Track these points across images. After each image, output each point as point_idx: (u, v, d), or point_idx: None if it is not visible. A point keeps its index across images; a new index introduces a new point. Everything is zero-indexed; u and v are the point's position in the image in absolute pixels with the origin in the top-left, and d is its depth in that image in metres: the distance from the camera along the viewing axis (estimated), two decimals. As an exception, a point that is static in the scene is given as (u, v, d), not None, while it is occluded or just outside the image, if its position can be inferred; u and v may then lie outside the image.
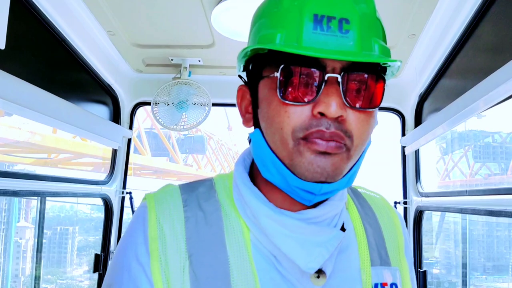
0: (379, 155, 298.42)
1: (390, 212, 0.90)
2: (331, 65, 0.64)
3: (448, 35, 1.79)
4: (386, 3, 1.67)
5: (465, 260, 9.68)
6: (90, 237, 12.30)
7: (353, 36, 0.64)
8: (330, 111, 0.63)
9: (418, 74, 2.23)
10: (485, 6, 1.51)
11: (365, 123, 0.67)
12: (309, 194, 0.68)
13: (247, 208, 0.75)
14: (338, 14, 0.64)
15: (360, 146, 0.68)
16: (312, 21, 0.64)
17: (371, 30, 0.67)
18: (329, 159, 0.65)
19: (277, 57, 0.66)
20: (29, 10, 1.60)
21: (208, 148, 21.98)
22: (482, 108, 1.45)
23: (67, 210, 12.70)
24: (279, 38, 0.66)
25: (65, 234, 11.87)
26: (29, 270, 10.27)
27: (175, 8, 1.78)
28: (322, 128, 0.64)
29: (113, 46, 2.17)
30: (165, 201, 0.77)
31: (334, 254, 0.74)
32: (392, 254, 0.82)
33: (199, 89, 2.39)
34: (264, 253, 0.73)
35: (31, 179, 1.73)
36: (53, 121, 1.72)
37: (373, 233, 0.82)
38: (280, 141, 0.67)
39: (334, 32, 0.63)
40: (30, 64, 1.72)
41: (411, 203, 2.45)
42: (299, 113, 0.65)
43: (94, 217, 12.69)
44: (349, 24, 0.64)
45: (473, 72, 1.72)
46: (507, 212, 1.33)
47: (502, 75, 1.26)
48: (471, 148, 13.25)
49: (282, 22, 0.67)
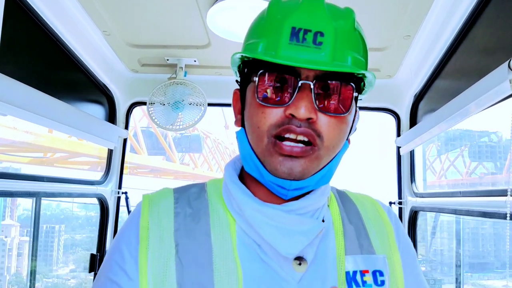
0: (375, 155, 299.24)
1: (375, 206, 0.96)
2: (305, 73, 0.72)
3: (442, 37, 1.80)
4: (381, 4, 1.68)
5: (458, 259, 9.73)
6: (76, 235, 12.24)
7: (326, 47, 0.71)
8: (299, 113, 0.70)
9: (413, 75, 2.24)
10: (479, 8, 1.52)
11: (336, 127, 0.75)
12: (281, 188, 0.76)
13: (234, 202, 0.82)
14: (314, 27, 0.71)
15: (331, 147, 0.76)
16: (289, 33, 0.72)
17: (346, 43, 0.74)
18: (296, 161, 0.73)
19: (258, 64, 0.75)
20: (23, 10, 1.60)
21: (205, 147, 21.98)
22: (475, 110, 1.46)
23: (53, 208, 12.58)
24: (261, 46, 0.75)
25: (51, 232, 11.75)
26: (15, 268, 10.26)
27: (171, 8, 1.78)
28: (292, 126, 0.72)
29: (109, 46, 2.16)
30: (159, 199, 0.86)
31: (315, 242, 0.80)
32: (377, 242, 0.87)
33: (194, 89, 2.39)
34: (249, 243, 0.79)
35: (26, 180, 1.73)
36: (48, 121, 1.72)
37: (353, 226, 0.88)
38: (257, 138, 0.76)
39: (309, 43, 0.71)
40: (25, 65, 1.71)
41: (406, 203, 2.46)
42: (274, 114, 0.73)
43: (80, 216, 12.62)
44: (323, 37, 0.71)
45: (467, 73, 1.73)
46: (500, 214, 1.34)
47: (495, 78, 1.27)
48: (466, 148, 13.33)
49: (265, 33, 0.76)
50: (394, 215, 0.96)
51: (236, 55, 0.78)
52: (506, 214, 1.24)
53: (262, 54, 0.74)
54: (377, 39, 1.98)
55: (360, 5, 1.69)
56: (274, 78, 0.73)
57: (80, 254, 11.52)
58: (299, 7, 0.73)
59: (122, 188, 2.63)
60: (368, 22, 1.82)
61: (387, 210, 0.96)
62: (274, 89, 0.73)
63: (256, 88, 0.74)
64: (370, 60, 2.51)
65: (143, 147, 16.64)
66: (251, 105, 0.77)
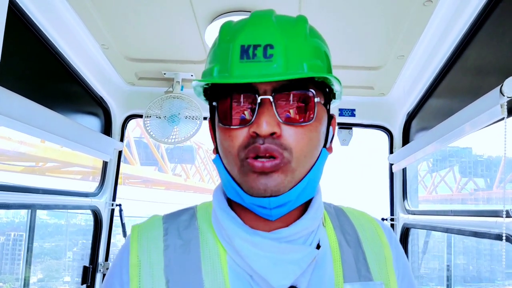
0: (366, 170, 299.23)
1: (374, 226, 0.92)
2: (262, 88, 0.70)
3: (436, 57, 1.84)
4: (376, 25, 1.72)
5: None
6: (46, 244, 11.96)
7: (277, 59, 0.69)
8: (261, 130, 0.68)
9: (406, 93, 2.27)
10: (472, 30, 1.56)
11: (304, 136, 0.72)
12: (263, 208, 0.73)
13: (223, 231, 0.79)
14: (262, 41, 0.70)
15: (303, 158, 0.73)
16: (239, 51, 0.70)
17: (299, 51, 0.72)
18: (269, 176, 0.70)
19: (217, 89, 0.75)
20: (23, 23, 1.61)
21: (197, 157, 21.93)
22: (468, 131, 1.49)
23: (22, 216, 12.28)
24: (216, 70, 0.74)
25: (19, 240, 11.38)
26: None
27: (170, 23, 1.81)
28: (256, 144, 0.70)
29: (106, 59, 2.18)
30: (147, 231, 0.84)
31: (308, 270, 0.77)
32: (375, 268, 0.84)
33: (191, 103, 2.41)
34: (241, 274, 0.76)
35: (22, 192, 1.73)
36: (44, 133, 1.72)
37: (351, 249, 0.84)
38: (229, 163, 0.75)
39: (260, 58, 0.69)
40: (24, 76, 1.72)
41: (398, 220, 2.48)
42: (240, 135, 0.72)
43: (50, 223, 12.33)
44: (273, 49, 0.70)
45: (460, 93, 1.76)
46: (491, 235, 1.36)
47: (487, 101, 1.30)
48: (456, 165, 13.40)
49: (217, 57, 0.75)
50: (394, 238, 0.92)
51: (193, 83, 0.77)
52: (497, 235, 1.26)
53: (216, 78, 0.73)
54: (372, 58, 2.02)
55: (355, 24, 1.73)
56: (233, 99, 0.72)
57: (48, 263, 11.22)
58: (247, 24, 0.73)
59: (116, 200, 2.63)
60: (363, 42, 1.86)
61: (387, 233, 0.92)
62: (235, 110, 0.72)
63: (217, 112, 0.74)
64: (364, 78, 2.56)
65: (136, 157, 16.58)
66: (219, 131, 0.76)
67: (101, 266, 2.53)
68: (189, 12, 1.70)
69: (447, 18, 1.60)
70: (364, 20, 1.68)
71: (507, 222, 1.25)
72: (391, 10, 1.61)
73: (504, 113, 1.19)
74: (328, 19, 1.69)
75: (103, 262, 2.54)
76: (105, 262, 2.55)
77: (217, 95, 0.75)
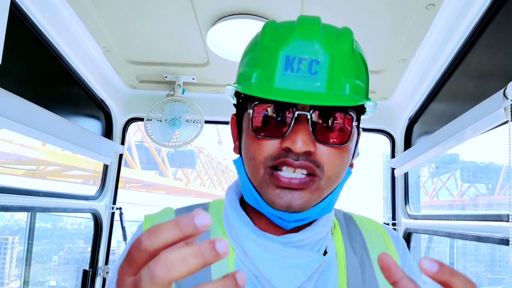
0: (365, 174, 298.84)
1: (381, 233, 0.91)
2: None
3: (438, 61, 1.83)
4: (378, 28, 1.71)
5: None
6: (34, 248, 11.92)
7: (321, 77, 0.68)
8: (296, 147, 0.67)
9: (408, 97, 2.27)
10: (475, 34, 1.55)
11: (337, 157, 0.71)
12: (281, 220, 0.73)
13: (232, 230, 0.79)
14: (309, 55, 0.68)
15: (334, 178, 0.72)
16: (284, 62, 0.68)
17: (343, 70, 0.70)
18: (295, 193, 0.69)
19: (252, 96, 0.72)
20: (25, 25, 1.61)
21: (198, 162, 21.94)
22: (470, 135, 1.48)
23: (6, 219, 12.22)
24: (255, 77, 0.71)
25: (4, 244, 11.26)
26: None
27: (171, 27, 1.80)
28: (289, 159, 0.68)
29: (108, 62, 2.18)
30: (159, 221, 0.81)
31: (314, 276, 0.76)
32: (381, 276, 0.82)
33: (192, 106, 2.41)
34: (246, 273, 0.75)
35: (21, 194, 1.72)
36: (45, 136, 1.72)
37: (357, 257, 0.84)
38: (253, 169, 0.73)
39: (304, 73, 0.68)
40: (25, 79, 1.72)
41: (399, 224, 2.46)
42: (270, 146, 0.70)
43: (36, 227, 12.26)
44: (318, 65, 0.68)
45: (462, 97, 1.76)
46: (494, 239, 1.35)
47: (490, 104, 1.29)
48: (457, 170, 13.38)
49: (258, 62, 0.73)
50: (402, 245, 0.91)
51: (228, 87, 0.76)
52: (501, 239, 1.25)
53: (255, 86, 0.70)
54: (374, 62, 2.01)
55: (358, 28, 1.72)
56: (269, 109, 0.70)
57: (36, 267, 11.15)
58: (293, 32, 0.70)
59: (117, 203, 2.62)
60: (365, 45, 1.85)
61: (395, 240, 0.91)
62: (269, 120, 0.70)
63: (251, 119, 0.71)
64: (367, 83, 2.51)
65: (137, 161, 16.59)
66: (247, 135, 0.74)
67: (101, 270, 2.51)
68: (190, 15, 1.69)
69: (449, 22, 1.59)
70: (366, 23, 1.68)
71: (509, 227, 1.24)
72: (393, 14, 1.61)
73: (508, 116, 1.18)
74: (329, 22, 1.68)
75: (103, 266, 2.53)
76: (105, 265, 2.54)
77: (251, 100, 0.73)
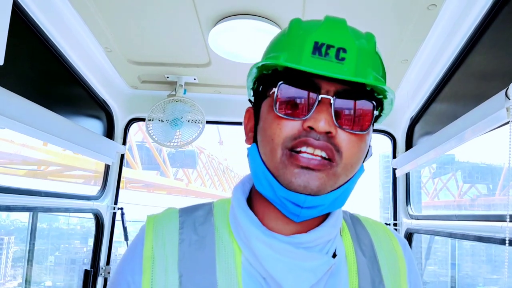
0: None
1: (390, 237, 0.91)
2: (325, 87, 0.70)
3: (439, 62, 1.83)
4: (379, 29, 1.71)
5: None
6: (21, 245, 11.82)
7: (349, 63, 0.69)
8: (319, 126, 0.68)
9: (410, 98, 2.27)
10: (476, 34, 1.55)
11: (356, 145, 0.72)
12: (294, 205, 0.71)
13: (240, 230, 0.77)
14: (336, 43, 0.70)
15: (350, 166, 0.72)
16: (312, 46, 0.70)
17: (367, 62, 0.72)
18: (313, 174, 0.69)
19: (277, 78, 0.73)
20: (27, 25, 1.61)
21: (199, 162, 21.94)
22: (472, 136, 1.48)
23: (2, 219, 12.19)
24: (282, 58, 0.72)
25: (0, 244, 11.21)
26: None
27: (173, 27, 1.81)
28: (310, 138, 0.69)
29: (109, 63, 2.18)
30: (163, 223, 0.82)
31: (324, 279, 0.75)
32: (388, 280, 0.83)
33: (193, 106, 2.41)
34: (254, 276, 0.75)
35: (24, 194, 1.73)
36: (47, 135, 1.72)
37: (366, 260, 0.83)
38: (270, 151, 0.72)
39: (331, 58, 0.69)
40: (27, 79, 1.72)
41: (401, 225, 2.46)
42: (290, 127, 0.71)
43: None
44: (346, 53, 0.69)
45: (463, 98, 1.76)
46: (496, 239, 1.35)
47: (492, 105, 1.29)
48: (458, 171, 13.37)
49: (286, 46, 0.74)
50: (408, 250, 0.91)
51: (255, 66, 0.75)
52: (502, 239, 1.25)
53: (283, 61, 0.71)
54: (375, 62, 2.01)
55: (359, 28, 1.71)
56: (294, 90, 0.71)
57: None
58: (322, 25, 0.72)
59: (118, 203, 2.63)
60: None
61: (403, 245, 0.91)
62: (293, 101, 0.71)
63: (275, 98, 0.72)
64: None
65: (138, 161, 16.60)
66: (267, 119, 0.74)
67: (103, 270, 2.52)
68: (192, 16, 1.69)
69: (451, 22, 1.60)
70: (368, 24, 1.68)
71: (510, 227, 1.24)
72: (394, 14, 1.61)
73: (509, 116, 1.18)
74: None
75: (104, 266, 2.53)
76: (107, 265, 2.54)
77: (275, 82, 0.73)
